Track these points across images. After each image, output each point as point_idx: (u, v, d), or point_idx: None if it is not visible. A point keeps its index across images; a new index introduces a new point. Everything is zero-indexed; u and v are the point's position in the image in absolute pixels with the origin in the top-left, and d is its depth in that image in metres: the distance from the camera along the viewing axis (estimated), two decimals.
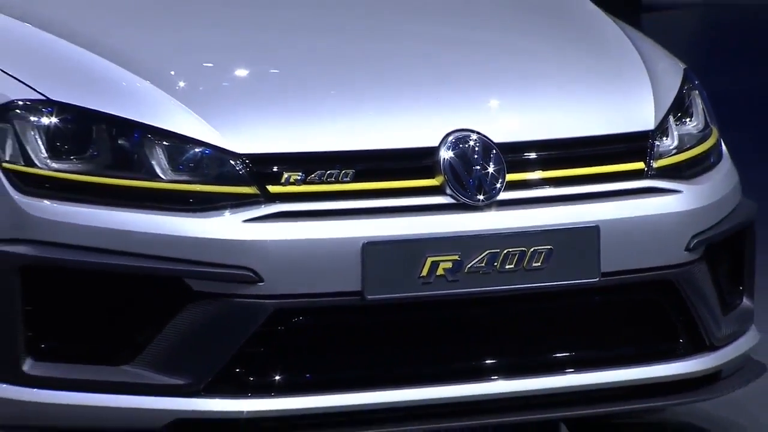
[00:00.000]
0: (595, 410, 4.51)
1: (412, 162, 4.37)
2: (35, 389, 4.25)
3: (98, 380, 4.24)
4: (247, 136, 4.31)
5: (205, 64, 4.48)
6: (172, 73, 4.39)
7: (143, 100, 4.33)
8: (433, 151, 4.37)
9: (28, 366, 4.24)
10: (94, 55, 4.41)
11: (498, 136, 4.41)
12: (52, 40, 4.46)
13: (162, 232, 4.24)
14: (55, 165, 4.29)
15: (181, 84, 4.38)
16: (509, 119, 4.50)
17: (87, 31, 4.51)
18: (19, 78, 4.35)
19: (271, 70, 4.51)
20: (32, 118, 4.31)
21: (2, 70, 4.36)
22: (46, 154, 4.29)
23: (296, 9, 4.85)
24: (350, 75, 4.54)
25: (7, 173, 4.28)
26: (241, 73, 4.51)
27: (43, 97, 4.32)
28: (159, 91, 4.34)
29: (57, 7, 4.63)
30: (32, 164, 4.29)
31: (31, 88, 4.34)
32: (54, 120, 4.31)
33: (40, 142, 4.30)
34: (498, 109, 4.52)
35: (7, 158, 4.29)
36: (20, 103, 4.32)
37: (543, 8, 5.00)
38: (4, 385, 4.26)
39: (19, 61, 4.40)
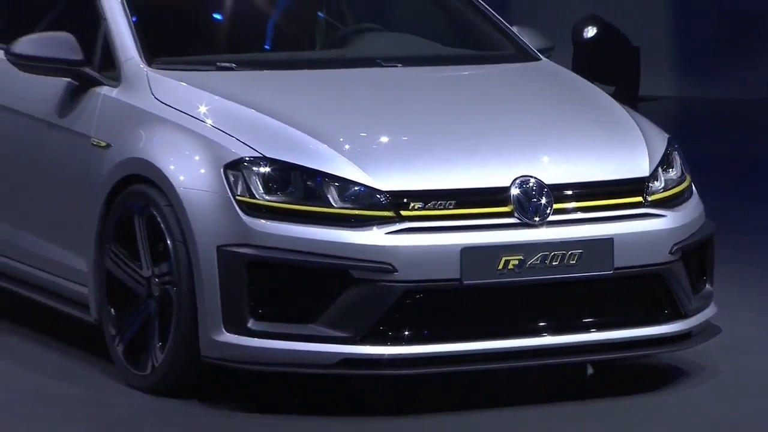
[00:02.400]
0: (609, 356, 4.55)
1: (492, 196, 4.43)
2: (255, 339, 4.32)
3: (294, 333, 4.31)
4: (388, 179, 4.37)
5: (361, 134, 4.52)
6: (341, 139, 4.44)
7: (322, 157, 4.39)
8: (506, 189, 4.43)
9: (250, 323, 4.33)
10: (292, 127, 4.46)
11: (548, 179, 4.47)
12: (265, 118, 4.49)
13: (334, 240, 4.31)
14: (267, 197, 4.36)
15: (347, 146, 4.43)
16: (555, 168, 4.52)
17: (287, 112, 4.53)
18: (245, 142, 4.42)
19: (403, 138, 4.54)
20: (254, 168, 4.38)
21: (236, 138, 4.43)
22: (262, 191, 4.36)
23: (413, 94, 4.82)
24: (451, 139, 4.54)
25: (239, 202, 4.36)
26: (383, 139, 4.52)
27: (260, 155, 4.39)
28: (332, 151, 4.40)
29: (265, 97, 4.61)
30: (254, 197, 4.36)
31: (253, 148, 4.40)
32: (267, 169, 4.37)
33: (258, 183, 4.37)
34: (548, 162, 4.53)
35: (239, 193, 4.36)
36: (247, 158, 4.39)
37: (574, 96, 4.91)
38: (236, 336, 4.33)
39: (245, 132, 4.45)
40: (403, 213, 4.36)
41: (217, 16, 5.10)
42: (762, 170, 8.48)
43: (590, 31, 9.99)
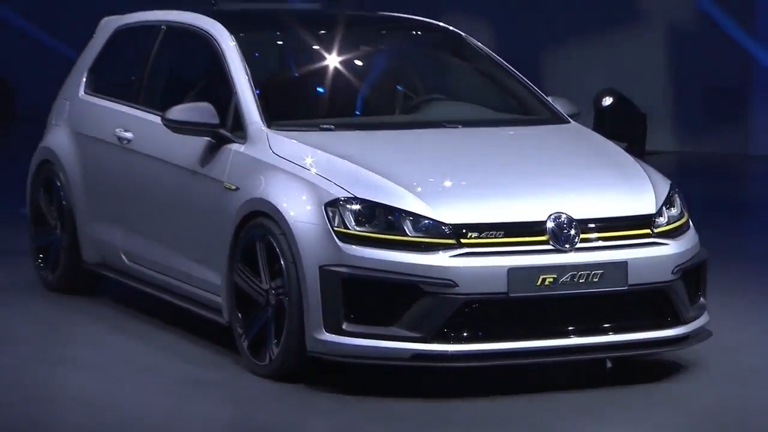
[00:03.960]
0: (624, 353, 4.54)
1: (532, 228, 4.43)
2: (348, 337, 4.35)
3: (378, 333, 4.33)
4: (450, 214, 4.39)
5: (429, 179, 4.52)
6: (414, 183, 4.47)
7: (400, 197, 4.42)
8: (542, 223, 4.44)
9: (344, 325, 4.36)
10: (376, 174, 4.49)
11: (576, 215, 4.47)
12: (356, 167, 4.52)
13: (408, 262, 4.33)
14: (357, 228, 4.39)
15: (419, 189, 4.45)
16: (582, 206, 4.50)
17: (372, 162, 4.54)
18: (341, 186, 4.46)
19: (462, 182, 4.54)
20: (347, 206, 4.42)
21: (334, 182, 4.47)
22: (353, 223, 4.40)
23: (471, 149, 4.78)
24: (500, 183, 4.54)
25: (336, 232, 4.40)
26: (447, 183, 4.51)
27: (352, 195, 4.42)
28: (408, 192, 4.43)
29: (356, 151, 4.61)
30: (347, 228, 4.39)
31: (346, 190, 4.44)
32: (357, 207, 4.41)
33: (351, 217, 4.41)
34: (575, 201, 4.51)
35: (336, 225, 4.40)
36: (342, 198, 4.43)
37: (596, 151, 4.86)
38: (334, 335, 4.36)
39: (341, 178, 4.49)
40: (463, 240, 4.39)
41: (320, 90, 5.15)
42: (744, 209, 8.46)
43: (607, 101, 10.20)
